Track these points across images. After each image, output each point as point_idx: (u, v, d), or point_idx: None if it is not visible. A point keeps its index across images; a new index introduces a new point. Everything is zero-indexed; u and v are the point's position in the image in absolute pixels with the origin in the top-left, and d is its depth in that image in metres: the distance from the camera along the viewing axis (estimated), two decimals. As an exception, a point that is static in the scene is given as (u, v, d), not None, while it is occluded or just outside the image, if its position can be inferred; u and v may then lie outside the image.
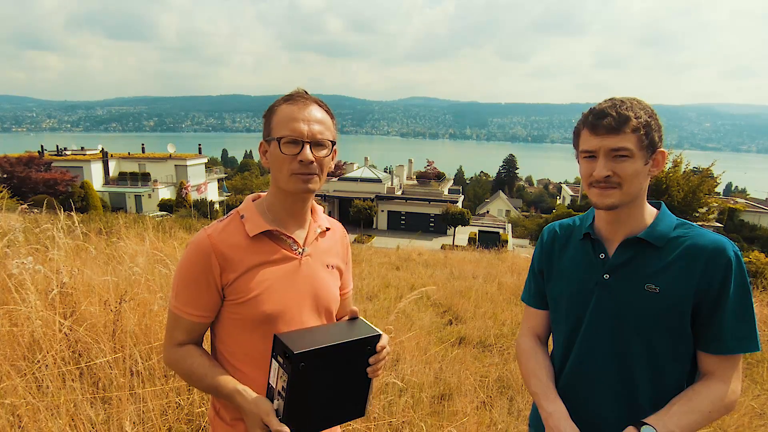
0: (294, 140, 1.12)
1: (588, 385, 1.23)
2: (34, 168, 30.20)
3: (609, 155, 1.12)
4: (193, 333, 1.19)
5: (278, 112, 1.15)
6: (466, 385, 3.19)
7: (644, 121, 1.10)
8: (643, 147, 1.11)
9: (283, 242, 1.20)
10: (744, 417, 2.98)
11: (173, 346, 1.19)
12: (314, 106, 1.16)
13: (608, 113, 1.11)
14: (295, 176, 1.14)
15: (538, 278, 1.39)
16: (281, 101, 1.17)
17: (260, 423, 1.04)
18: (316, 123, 1.14)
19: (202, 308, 1.15)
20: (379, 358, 1.14)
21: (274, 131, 1.15)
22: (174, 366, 1.19)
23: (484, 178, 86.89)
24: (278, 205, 1.20)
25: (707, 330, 1.13)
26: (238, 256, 1.14)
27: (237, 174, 67.03)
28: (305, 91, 1.19)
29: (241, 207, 1.22)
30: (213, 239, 1.13)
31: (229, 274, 1.13)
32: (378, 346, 1.14)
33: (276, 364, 1.05)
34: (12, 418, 1.98)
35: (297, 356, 0.99)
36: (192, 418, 2.25)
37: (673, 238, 1.16)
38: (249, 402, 1.07)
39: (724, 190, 78.96)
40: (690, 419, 1.08)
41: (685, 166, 17.72)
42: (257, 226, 1.16)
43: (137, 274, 3.17)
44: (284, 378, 1.02)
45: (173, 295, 1.17)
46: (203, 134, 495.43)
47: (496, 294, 6.30)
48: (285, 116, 1.14)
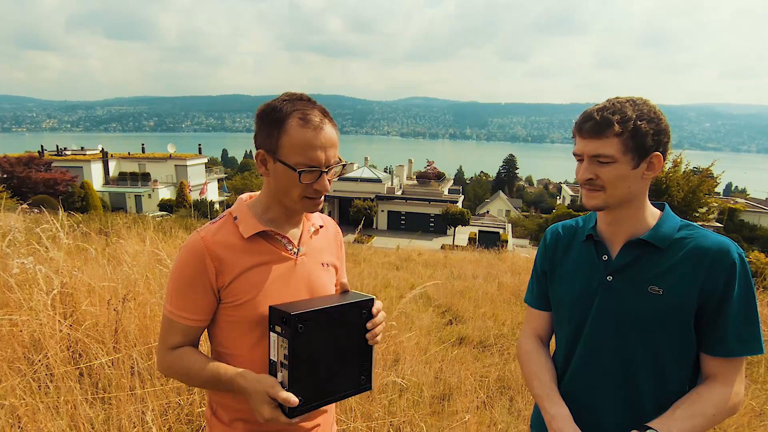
0: (311, 168, 1.09)
1: (591, 387, 1.22)
2: (34, 168, 30.17)
3: (592, 159, 1.13)
4: (189, 337, 1.16)
5: (290, 131, 1.07)
6: (466, 385, 3.19)
7: (631, 125, 1.08)
8: (629, 151, 1.09)
9: (278, 242, 1.19)
10: (744, 417, 2.98)
11: (167, 350, 1.16)
12: (327, 125, 1.10)
13: (593, 117, 1.10)
14: (306, 200, 1.13)
15: (541, 279, 1.38)
16: (291, 116, 1.07)
17: (266, 398, 1.02)
18: (331, 147, 1.10)
19: (198, 312, 1.13)
20: (376, 322, 1.15)
21: (285, 153, 1.08)
22: (169, 370, 1.16)
23: (484, 178, 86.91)
24: (274, 208, 1.19)
25: (711, 332, 1.12)
26: (233, 257, 1.12)
27: (237, 174, 67.05)
28: (308, 98, 1.12)
29: (234, 208, 1.20)
30: (207, 241, 1.11)
31: (225, 276, 1.11)
32: (373, 310, 1.15)
33: (274, 335, 1.06)
34: (12, 419, 1.98)
35: (294, 317, 1.00)
36: (192, 418, 2.25)
37: (676, 239, 1.15)
38: (251, 381, 1.05)
39: (724, 190, 78.95)
40: (694, 423, 1.07)
41: (685, 166, 17.72)
42: (251, 227, 1.15)
43: (137, 273, 3.17)
44: (285, 345, 1.02)
45: (167, 299, 1.15)
46: (203, 134, 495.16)
47: (496, 294, 6.31)
48: (301, 141, 1.06)
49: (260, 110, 1.11)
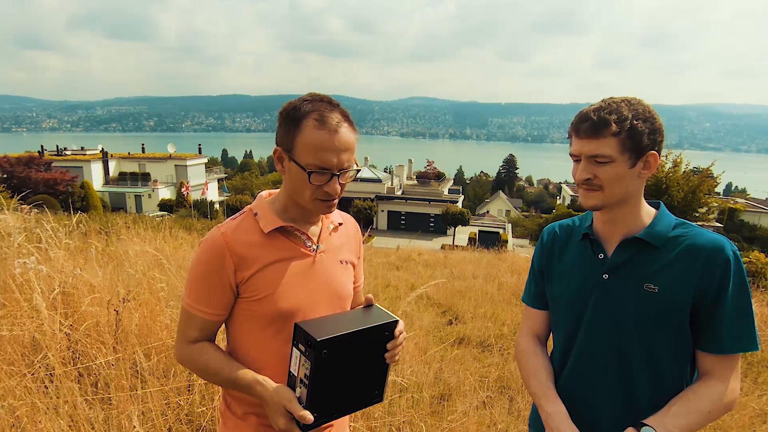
0: (322, 170, 1.08)
1: (587, 385, 1.23)
2: (34, 168, 30.18)
3: (589, 159, 1.13)
4: (206, 330, 1.18)
5: (305, 131, 1.07)
6: (466, 385, 3.19)
7: (628, 124, 1.09)
8: (626, 150, 1.10)
9: (297, 239, 1.20)
10: (744, 417, 2.98)
11: (186, 343, 1.18)
12: (344, 127, 1.08)
13: (589, 117, 1.11)
14: (318, 201, 1.13)
15: (538, 278, 1.39)
16: (308, 116, 1.07)
17: (283, 410, 1.04)
18: (346, 152, 1.09)
19: (215, 306, 1.15)
20: (396, 343, 1.15)
21: (299, 153, 1.08)
22: (187, 363, 1.19)
23: (484, 178, 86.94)
24: (292, 207, 1.20)
25: (706, 329, 1.13)
26: (252, 253, 1.13)
27: (237, 174, 67.08)
28: (330, 100, 1.11)
29: (255, 204, 1.21)
30: (227, 237, 1.13)
31: (244, 271, 1.12)
32: (396, 332, 1.15)
33: (297, 352, 1.06)
34: (12, 419, 1.98)
35: (320, 343, 1.00)
36: (192, 418, 2.25)
37: (671, 237, 1.16)
38: (270, 391, 1.07)
39: (724, 190, 78.94)
40: (689, 419, 1.08)
41: (685, 166, 17.69)
42: (271, 222, 1.16)
43: (138, 273, 3.17)
44: (306, 366, 1.03)
45: (186, 292, 1.17)
46: (203, 134, 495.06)
47: (496, 294, 6.31)
48: (314, 142, 1.06)
49: (282, 108, 1.12)
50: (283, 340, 1.13)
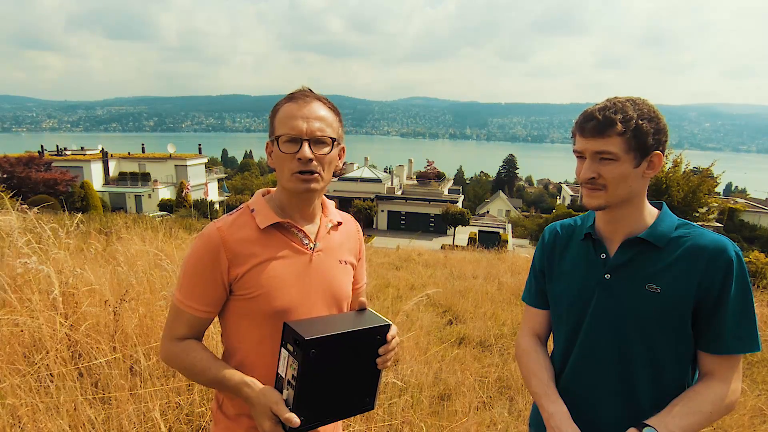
0: (293, 138, 1.11)
1: (589, 385, 1.23)
2: (34, 168, 30.18)
3: (594, 157, 1.13)
4: (194, 328, 1.16)
5: (280, 111, 1.15)
6: (466, 386, 3.18)
7: (633, 124, 1.09)
8: (631, 150, 1.10)
9: (294, 236, 1.18)
10: (744, 417, 2.98)
11: (172, 340, 1.16)
12: (316, 103, 1.14)
13: (595, 116, 1.11)
14: (295, 176, 1.12)
15: (539, 278, 1.38)
16: (284, 100, 1.16)
17: (269, 413, 1.02)
18: (316, 120, 1.12)
19: (206, 303, 1.14)
20: (388, 348, 1.13)
21: (276, 130, 1.14)
22: (172, 361, 1.16)
23: (484, 178, 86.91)
24: (286, 202, 1.19)
25: (708, 330, 1.13)
26: (248, 249, 1.12)
27: (237, 174, 67.11)
28: (309, 89, 1.18)
29: (251, 201, 1.21)
30: (223, 232, 1.12)
31: (238, 268, 1.11)
32: (387, 336, 1.13)
33: (285, 352, 1.04)
34: (12, 419, 1.98)
35: (308, 342, 0.98)
36: (192, 418, 2.25)
37: (674, 238, 1.16)
38: (256, 393, 1.06)
39: (724, 190, 78.95)
40: (691, 420, 1.08)
41: (685, 166, 17.71)
42: (268, 218, 1.15)
43: (138, 273, 3.17)
44: (294, 366, 1.01)
45: (177, 287, 1.15)
46: (203, 134, 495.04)
47: (496, 294, 6.30)
48: (285, 115, 1.13)
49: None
50: (277, 338, 1.11)
